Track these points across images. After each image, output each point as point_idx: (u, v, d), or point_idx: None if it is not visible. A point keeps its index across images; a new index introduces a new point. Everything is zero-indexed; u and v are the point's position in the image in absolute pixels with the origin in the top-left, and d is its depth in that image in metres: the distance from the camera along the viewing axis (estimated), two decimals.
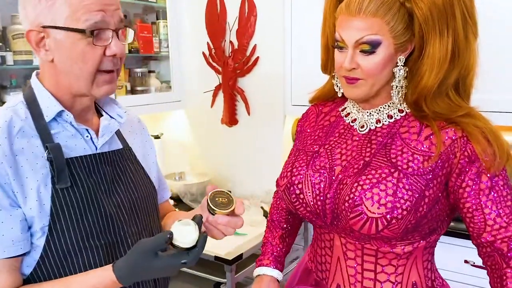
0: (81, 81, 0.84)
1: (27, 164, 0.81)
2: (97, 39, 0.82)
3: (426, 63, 0.89)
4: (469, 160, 0.89)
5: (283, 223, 1.18)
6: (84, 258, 0.84)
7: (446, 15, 0.87)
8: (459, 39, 0.88)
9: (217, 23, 2.36)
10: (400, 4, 0.88)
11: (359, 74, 0.92)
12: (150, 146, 1.08)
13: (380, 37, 0.88)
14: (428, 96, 0.91)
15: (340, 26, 0.91)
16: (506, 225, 0.87)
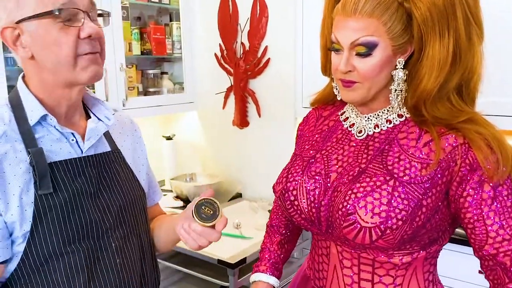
0: (63, 69, 0.83)
1: (10, 169, 0.80)
2: (68, 22, 0.81)
3: (425, 65, 0.86)
4: (471, 168, 0.84)
5: (282, 228, 1.16)
6: (65, 262, 0.83)
7: (447, 16, 0.83)
8: (460, 40, 0.84)
9: (229, 24, 2.36)
10: (399, 4, 0.84)
11: (355, 77, 0.88)
12: (141, 149, 1.07)
13: (377, 38, 0.85)
14: (428, 100, 0.87)
15: (335, 27, 0.88)
16: (510, 238, 0.82)
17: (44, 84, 0.86)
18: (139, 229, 0.96)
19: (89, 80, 0.85)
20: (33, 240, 0.81)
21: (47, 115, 0.85)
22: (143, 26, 2.41)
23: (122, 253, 0.90)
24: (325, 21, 0.98)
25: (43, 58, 0.83)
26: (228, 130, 2.49)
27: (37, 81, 0.86)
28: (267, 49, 2.27)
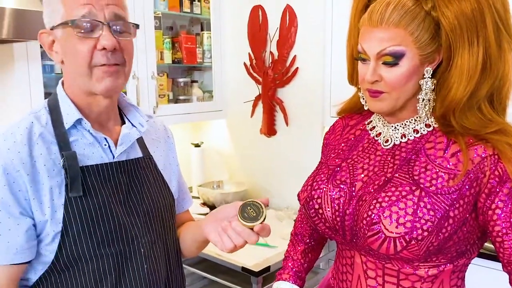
0: (80, 78, 0.85)
1: (44, 170, 0.83)
2: (87, 33, 0.83)
3: (454, 74, 0.85)
4: (500, 180, 0.82)
5: (306, 237, 1.15)
6: (94, 266, 0.85)
7: (476, 24, 0.82)
8: (490, 48, 0.83)
9: (259, 33, 2.39)
10: (426, 13, 0.84)
11: (382, 87, 0.88)
12: (173, 155, 1.08)
13: (404, 48, 0.84)
14: (457, 109, 0.86)
15: (362, 37, 0.88)
16: None
17: (75, 89, 0.89)
18: (165, 236, 0.98)
19: (104, 91, 0.87)
20: (63, 242, 0.83)
21: (82, 119, 0.87)
22: (174, 35, 2.47)
23: (149, 259, 0.91)
24: (352, 31, 0.98)
25: (68, 65, 0.87)
26: (256, 138, 2.51)
27: (69, 84, 0.90)
28: (296, 59, 2.28)
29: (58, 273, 0.85)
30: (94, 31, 0.83)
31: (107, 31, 0.84)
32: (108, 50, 0.84)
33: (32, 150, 0.83)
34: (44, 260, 0.85)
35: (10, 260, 0.82)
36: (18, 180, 0.81)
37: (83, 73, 0.84)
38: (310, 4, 2.19)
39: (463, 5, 0.82)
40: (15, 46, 1.68)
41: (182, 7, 2.39)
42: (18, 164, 0.81)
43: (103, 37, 0.83)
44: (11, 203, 0.81)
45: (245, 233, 0.87)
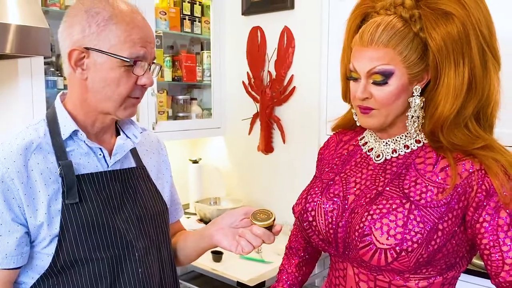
0: (110, 102, 0.91)
1: (40, 179, 0.87)
2: (136, 69, 0.89)
3: (441, 92, 0.88)
4: (487, 194, 0.85)
5: (301, 251, 1.18)
6: (90, 269, 0.88)
7: (462, 45, 0.86)
8: (475, 69, 0.87)
9: (257, 54, 2.44)
10: (414, 34, 0.88)
11: (372, 104, 0.92)
12: (166, 167, 1.12)
13: (393, 67, 0.88)
14: (445, 126, 0.89)
15: (353, 56, 0.92)
16: None
17: (84, 104, 0.93)
18: (159, 241, 1.01)
19: (125, 117, 0.96)
20: (60, 246, 0.87)
21: (78, 130, 0.92)
22: (175, 54, 2.53)
23: (143, 263, 0.94)
24: (345, 51, 1.03)
25: (97, 87, 0.90)
26: (253, 156, 2.54)
27: (79, 101, 0.93)
28: (293, 78, 2.33)
29: (56, 276, 0.88)
30: (139, 67, 0.90)
31: (149, 72, 0.92)
32: (145, 89, 0.93)
33: (28, 159, 0.87)
34: (40, 264, 0.88)
35: (0, 265, 0.85)
36: (12, 188, 0.85)
37: (116, 100, 0.91)
38: (307, 26, 2.25)
39: (450, 28, 0.86)
40: (19, 62, 1.73)
41: (183, 27, 2.45)
42: (13, 172, 0.85)
43: (146, 76, 0.91)
44: (4, 210, 0.85)
45: (264, 235, 0.94)
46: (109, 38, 0.87)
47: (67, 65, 0.91)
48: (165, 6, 2.39)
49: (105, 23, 0.87)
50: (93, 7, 0.87)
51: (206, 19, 2.56)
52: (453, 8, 0.86)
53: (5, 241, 0.85)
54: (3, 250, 0.85)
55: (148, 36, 0.91)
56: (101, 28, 0.87)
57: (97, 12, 0.87)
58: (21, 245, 0.86)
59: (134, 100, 0.93)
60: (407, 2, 0.89)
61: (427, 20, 0.87)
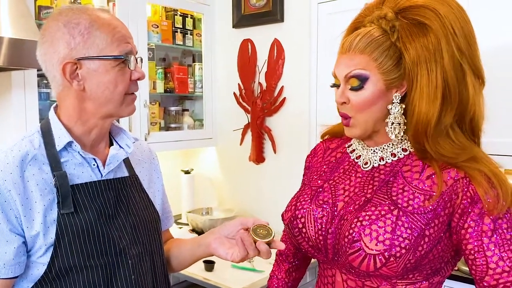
0: (111, 103, 0.93)
1: (36, 189, 0.89)
2: (125, 65, 0.93)
3: (415, 98, 0.91)
4: (472, 201, 0.88)
5: (290, 257, 1.19)
6: (85, 276, 0.90)
7: (434, 55, 0.89)
8: (449, 77, 0.90)
9: (248, 65, 2.49)
10: (391, 43, 0.92)
11: (348, 110, 0.95)
12: (157, 176, 1.14)
13: (368, 72, 0.91)
14: (429, 135, 0.91)
15: (335, 63, 0.97)
16: (509, 270, 0.85)
17: (82, 114, 0.94)
18: (152, 249, 1.02)
19: (129, 114, 0.99)
20: (56, 254, 0.88)
21: (72, 141, 0.94)
22: (167, 66, 2.56)
23: (136, 270, 0.96)
24: None
25: (97, 92, 0.92)
26: (245, 166, 2.57)
27: (75, 112, 0.94)
28: (283, 89, 2.37)
29: (50, 283, 0.89)
30: (129, 63, 0.94)
31: (138, 65, 0.95)
32: (140, 80, 0.96)
33: (25, 171, 0.89)
34: (36, 272, 0.89)
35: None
36: (9, 200, 0.86)
37: (117, 100, 0.94)
38: (296, 38, 2.30)
39: (423, 38, 0.89)
40: (13, 74, 1.75)
41: (175, 39, 2.49)
42: (9, 184, 0.86)
43: (138, 70, 0.95)
44: (1, 221, 0.86)
45: (267, 251, 0.96)
46: (96, 43, 0.90)
47: (59, 81, 0.92)
48: (157, 19, 2.43)
49: (88, 30, 0.89)
50: (70, 20, 0.90)
51: (197, 32, 2.61)
52: (429, 20, 0.90)
53: (3, 251, 0.86)
54: (1, 260, 0.86)
55: (127, 32, 0.95)
56: (86, 36, 0.89)
57: (77, 23, 0.89)
58: (19, 254, 0.88)
59: (132, 96, 0.97)
60: (388, 15, 0.93)
61: (403, 31, 0.91)
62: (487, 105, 0.95)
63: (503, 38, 1.63)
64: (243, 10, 2.46)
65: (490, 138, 1.02)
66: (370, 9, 0.99)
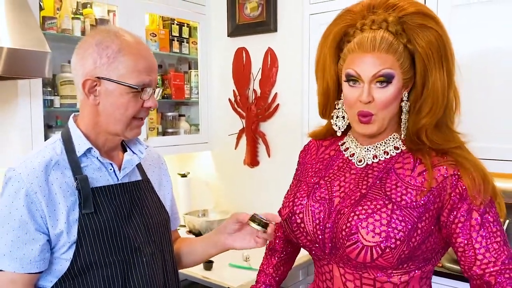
0: (119, 124, 1.01)
1: (60, 192, 0.97)
2: (143, 95, 1.01)
3: (429, 95, 0.97)
4: (461, 197, 0.95)
5: (279, 252, 1.24)
6: (104, 272, 0.98)
7: (440, 53, 0.97)
8: (450, 75, 0.98)
9: (243, 73, 2.57)
10: (404, 45, 0.97)
11: (372, 108, 0.97)
12: (167, 180, 1.24)
13: (394, 71, 0.96)
14: (430, 127, 0.98)
15: (353, 63, 0.98)
16: (495, 260, 0.93)
17: (96, 127, 1.03)
18: (163, 248, 1.11)
19: (131, 137, 1.07)
20: (77, 251, 0.96)
21: (91, 148, 1.02)
22: (164, 73, 2.63)
23: (150, 266, 1.05)
24: (328, 67, 1.07)
25: (108, 111, 1.01)
26: (240, 169, 2.65)
27: (91, 123, 1.03)
28: (277, 96, 2.46)
29: (72, 278, 0.97)
30: (145, 93, 1.01)
31: (153, 95, 1.03)
32: (152, 109, 1.04)
33: (49, 175, 0.97)
34: (59, 268, 0.98)
35: (25, 269, 0.94)
36: (35, 201, 0.94)
37: (124, 122, 1.01)
38: (289, 48, 2.39)
39: (431, 37, 0.95)
40: (19, 83, 1.82)
41: (171, 47, 2.57)
42: (36, 187, 0.95)
43: (151, 100, 1.02)
44: (28, 221, 0.94)
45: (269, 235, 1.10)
46: (118, 68, 0.98)
47: (81, 92, 1.01)
48: (155, 28, 2.51)
49: (115, 55, 0.97)
50: (103, 41, 0.99)
51: (193, 40, 2.69)
52: (429, 22, 0.96)
53: (30, 248, 0.94)
54: (28, 257, 0.94)
55: (152, 65, 1.03)
56: (111, 60, 0.98)
57: (107, 46, 0.98)
58: (43, 251, 0.96)
59: (139, 121, 1.04)
60: (390, 19, 0.97)
61: (411, 32, 0.96)
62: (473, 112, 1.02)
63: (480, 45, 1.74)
64: (237, 20, 2.55)
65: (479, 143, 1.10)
66: (358, 13, 1.02)
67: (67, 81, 2.05)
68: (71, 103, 2.07)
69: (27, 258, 0.94)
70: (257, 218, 1.08)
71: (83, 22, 2.12)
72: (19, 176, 0.95)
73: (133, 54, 0.99)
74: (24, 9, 1.72)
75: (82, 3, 2.16)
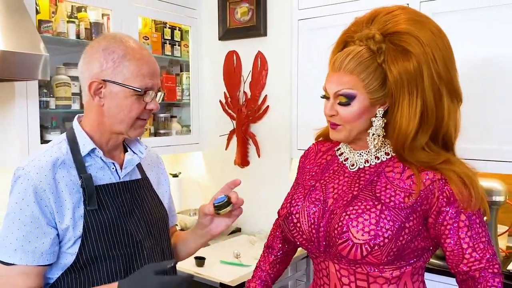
0: (123, 124, 1.07)
1: (66, 189, 1.03)
2: (143, 96, 1.05)
3: (396, 117, 1.01)
4: (448, 201, 0.99)
5: (276, 250, 1.29)
6: (107, 265, 1.04)
7: (416, 79, 0.98)
8: (427, 100, 0.99)
9: (233, 75, 2.64)
10: (378, 64, 1.00)
11: (338, 120, 1.05)
12: (165, 178, 1.30)
13: (355, 91, 1.00)
14: (405, 148, 1.01)
15: (326, 79, 1.06)
16: (480, 258, 0.99)
17: (100, 126, 1.09)
18: (162, 242, 1.17)
19: (135, 136, 1.12)
20: (83, 245, 1.02)
21: (95, 148, 1.08)
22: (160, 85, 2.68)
23: (150, 260, 1.11)
24: None
25: (113, 112, 1.06)
26: (230, 169, 2.71)
27: (96, 123, 1.09)
28: (267, 98, 2.53)
29: (78, 271, 1.03)
30: (147, 95, 1.06)
31: (155, 98, 1.08)
32: (154, 111, 1.09)
33: (56, 173, 1.03)
34: (64, 262, 1.03)
35: (36, 262, 1.00)
36: (44, 198, 1.00)
37: (127, 123, 1.06)
38: (279, 51, 2.47)
39: (407, 64, 0.97)
40: (16, 85, 1.87)
41: (164, 50, 2.62)
42: (44, 184, 1.00)
43: (153, 102, 1.07)
44: (39, 216, 0.99)
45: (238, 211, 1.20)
46: (123, 72, 1.04)
47: (86, 93, 1.07)
48: (148, 32, 2.57)
49: (120, 60, 1.04)
50: (109, 46, 1.05)
51: (185, 43, 2.75)
52: (412, 47, 0.97)
53: (41, 242, 1.00)
54: (40, 250, 1.00)
55: (155, 70, 1.08)
56: (116, 64, 1.04)
57: (113, 51, 1.04)
58: (53, 245, 1.01)
59: (142, 122, 1.10)
60: (376, 37, 1.00)
61: (388, 54, 0.99)
62: None
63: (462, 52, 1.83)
64: (228, 24, 2.62)
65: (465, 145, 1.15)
66: (359, 24, 1.07)
67: (62, 83, 2.10)
68: (66, 104, 2.12)
69: (38, 251, 1.00)
70: (218, 205, 1.12)
71: (78, 25, 2.17)
72: (29, 175, 1.00)
73: (137, 59, 1.05)
74: (22, 13, 1.77)
75: (77, 7, 2.21)
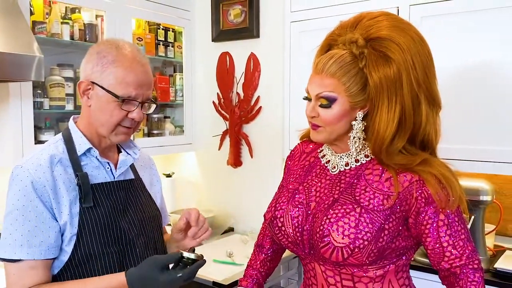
0: (104, 128, 1.09)
1: (63, 187, 1.06)
2: (126, 105, 1.07)
3: (375, 121, 1.02)
4: (426, 201, 1.01)
5: (266, 249, 1.32)
6: (102, 262, 1.07)
7: (395, 85, 0.99)
8: (406, 106, 1.00)
9: (226, 76, 2.67)
10: (359, 69, 1.00)
11: (318, 122, 1.06)
12: (157, 179, 1.33)
13: (336, 94, 1.01)
14: (383, 151, 1.02)
15: (308, 81, 1.07)
16: (460, 255, 1.02)
17: (90, 126, 1.12)
18: (155, 240, 1.20)
19: (117, 142, 1.14)
20: (78, 242, 1.05)
21: (91, 148, 1.11)
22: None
23: (143, 257, 1.13)
24: None
25: (96, 114, 1.09)
26: (223, 169, 2.73)
27: (87, 122, 1.13)
28: (259, 99, 2.56)
29: (74, 268, 1.06)
30: (131, 105, 1.07)
31: (139, 108, 1.09)
32: (136, 121, 1.10)
33: (53, 171, 1.06)
34: (61, 259, 1.05)
35: (43, 256, 1.02)
36: (44, 193, 1.03)
37: (108, 127, 1.09)
38: (271, 53, 2.50)
39: (387, 70, 0.98)
40: (10, 85, 1.88)
41: (157, 51, 2.64)
42: (44, 181, 1.03)
43: (136, 112, 1.08)
44: (44, 211, 1.02)
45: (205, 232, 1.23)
46: (109, 78, 1.06)
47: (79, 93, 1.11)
48: (141, 33, 2.59)
49: (108, 65, 1.06)
50: (102, 50, 1.08)
51: (178, 44, 2.77)
52: (393, 53, 0.99)
53: (47, 235, 1.03)
54: (46, 243, 1.02)
55: (143, 81, 1.08)
56: (104, 68, 1.06)
57: (105, 55, 1.07)
58: (58, 239, 1.04)
59: (124, 129, 1.11)
60: (359, 41, 1.01)
61: (370, 60, 0.99)
62: None
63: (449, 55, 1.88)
64: (221, 26, 2.65)
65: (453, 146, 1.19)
66: (344, 28, 1.07)
67: (56, 84, 2.11)
68: (59, 105, 2.13)
69: (45, 245, 1.02)
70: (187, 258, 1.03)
71: (72, 26, 2.19)
72: (28, 172, 1.03)
73: (125, 67, 1.06)
74: (16, 14, 1.78)
75: (71, 8, 2.22)
